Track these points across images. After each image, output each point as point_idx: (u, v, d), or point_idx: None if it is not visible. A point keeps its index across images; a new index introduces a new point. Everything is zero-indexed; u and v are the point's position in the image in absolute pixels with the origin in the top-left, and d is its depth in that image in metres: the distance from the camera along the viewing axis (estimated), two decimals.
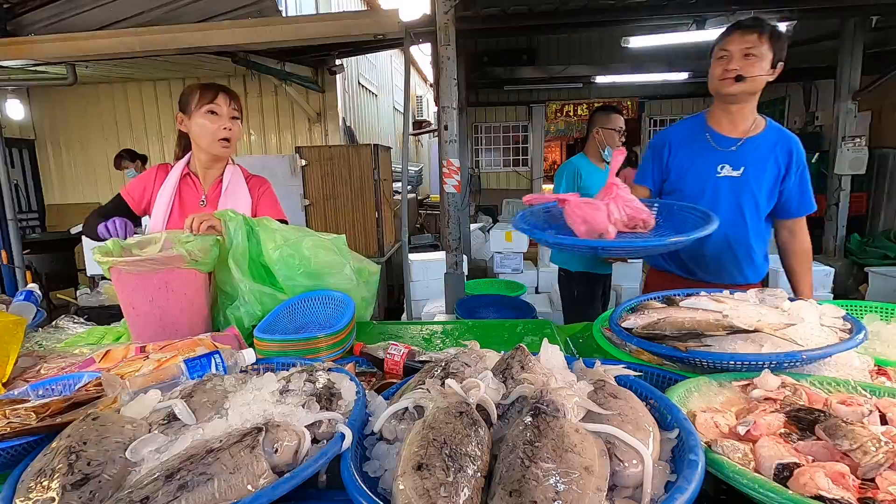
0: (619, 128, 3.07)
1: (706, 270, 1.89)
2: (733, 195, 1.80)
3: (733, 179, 1.79)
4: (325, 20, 4.24)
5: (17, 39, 4.27)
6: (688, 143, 1.87)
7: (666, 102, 9.25)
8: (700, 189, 1.82)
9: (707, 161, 1.82)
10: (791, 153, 1.79)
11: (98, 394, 0.91)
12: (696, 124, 1.90)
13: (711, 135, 1.84)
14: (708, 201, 1.79)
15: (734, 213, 1.81)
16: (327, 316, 1.50)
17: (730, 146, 1.81)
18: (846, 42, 5.57)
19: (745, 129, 1.82)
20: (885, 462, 0.65)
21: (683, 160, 1.87)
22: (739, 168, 1.79)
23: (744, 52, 1.71)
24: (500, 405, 0.76)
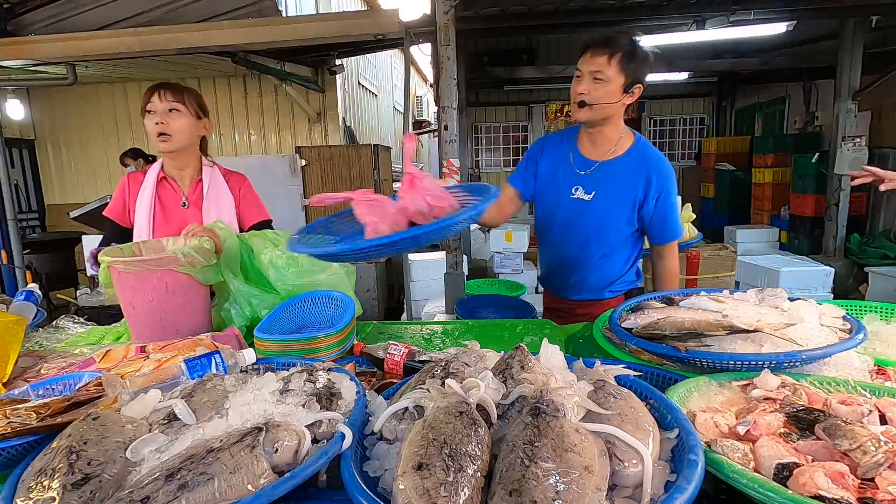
0: None
1: (566, 291, 1.92)
2: (583, 219, 1.77)
3: (584, 203, 1.75)
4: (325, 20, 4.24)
5: (17, 39, 4.27)
6: (555, 157, 1.83)
7: (666, 102, 9.25)
8: (553, 208, 1.81)
9: (565, 181, 1.78)
10: (650, 180, 1.70)
11: (98, 394, 0.91)
12: (568, 140, 1.83)
13: (574, 154, 1.79)
14: (560, 222, 1.81)
15: (582, 236, 1.79)
16: (327, 316, 1.51)
17: (586, 168, 1.75)
18: (846, 42, 5.57)
19: (605, 152, 1.75)
20: (885, 462, 0.65)
21: (547, 174, 1.83)
22: (591, 192, 1.74)
23: (593, 74, 1.61)
24: (500, 405, 0.76)
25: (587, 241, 1.80)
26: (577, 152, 1.78)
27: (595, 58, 1.60)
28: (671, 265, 1.85)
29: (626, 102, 1.67)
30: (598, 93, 1.61)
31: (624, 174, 1.72)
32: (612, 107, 1.64)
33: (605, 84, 1.60)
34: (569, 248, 1.84)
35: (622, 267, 1.86)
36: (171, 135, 1.76)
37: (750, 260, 4.52)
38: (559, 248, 1.88)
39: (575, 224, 1.79)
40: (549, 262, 1.96)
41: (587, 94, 1.61)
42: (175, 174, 1.88)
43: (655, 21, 5.44)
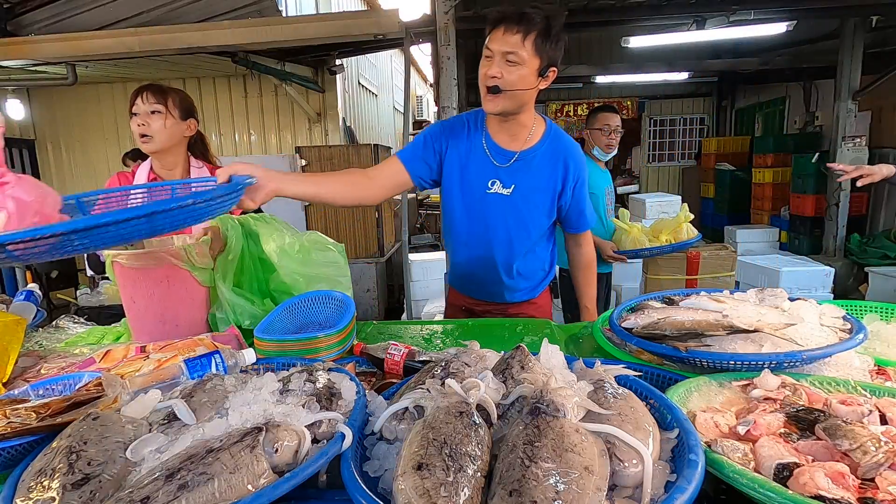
0: (605, 125, 2.97)
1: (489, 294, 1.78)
2: (501, 215, 1.64)
3: (502, 198, 1.62)
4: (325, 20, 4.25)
5: (17, 39, 4.27)
6: (466, 147, 1.64)
7: (666, 102, 9.26)
8: (466, 204, 1.67)
9: (479, 173, 1.63)
10: (567, 167, 1.62)
11: (98, 394, 0.91)
12: (478, 128, 1.65)
13: (489, 144, 1.62)
14: (477, 219, 1.66)
15: (502, 232, 1.67)
16: (327, 316, 1.50)
17: (504, 161, 1.61)
18: (846, 42, 5.57)
19: (522, 141, 1.61)
20: (885, 462, 0.65)
21: (455, 164, 1.65)
22: (510, 186, 1.62)
23: (505, 55, 1.42)
24: (500, 405, 0.76)
25: (510, 240, 1.68)
26: (492, 142, 1.62)
27: (507, 36, 1.40)
28: (589, 251, 1.84)
29: (541, 87, 1.52)
30: (511, 77, 1.43)
31: (541, 164, 1.62)
32: (527, 93, 1.49)
33: (520, 67, 1.42)
34: (489, 248, 1.69)
35: (544, 263, 1.79)
36: (151, 136, 1.78)
37: (750, 260, 4.52)
38: (478, 248, 1.71)
39: (494, 221, 1.65)
40: (466, 263, 1.77)
41: (500, 77, 1.43)
42: (164, 174, 1.89)
43: (655, 21, 5.44)
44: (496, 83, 1.44)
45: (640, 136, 9.54)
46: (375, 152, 4.90)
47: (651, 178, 9.53)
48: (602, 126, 3.00)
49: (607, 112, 3.06)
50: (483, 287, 1.77)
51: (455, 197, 1.68)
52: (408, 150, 1.66)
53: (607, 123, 2.99)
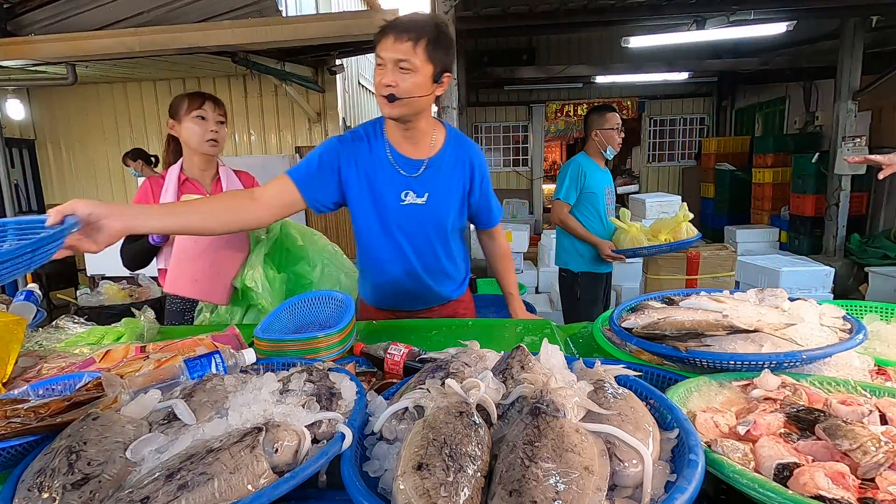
0: (616, 125, 3.07)
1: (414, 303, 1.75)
2: (420, 224, 1.62)
3: (418, 207, 1.60)
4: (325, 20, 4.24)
5: (17, 39, 4.27)
6: (368, 161, 1.59)
7: (666, 102, 9.26)
8: (385, 219, 1.62)
9: (389, 186, 1.59)
10: (472, 166, 1.64)
11: (98, 394, 0.91)
12: (377, 139, 1.61)
13: (394, 155, 1.58)
14: (396, 233, 1.63)
15: (422, 242, 1.65)
16: (327, 316, 1.50)
17: (413, 171, 1.59)
18: (846, 42, 5.58)
19: (427, 148, 1.60)
20: (885, 462, 0.65)
21: (360, 181, 1.59)
22: (423, 195, 1.60)
23: (397, 63, 1.42)
24: (500, 405, 0.76)
25: (432, 248, 1.67)
26: (397, 153, 1.59)
27: (398, 44, 1.40)
28: (503, 242, 1.87)
29: (438, 94, 1.52)
30: (406, 84, 1.42)
31: (450, 169, 1.62)
32: (423, 99, 1.48)
33: (413, 74, 1.42)
34: (412, 260, 1.67)
35: (463, 260, 1.79)
36: (219, 142, 1.99)
37: (750, 260, 4.53)
38: (401, 262, 1.68)
39: (413, 232, 1.63)
40: (392, 281, 1.71)
41: (395, 86, 1.42)
42: (197, 175, 2.04)
43: (655, 21, 5.44)
44: (391, 91, 1.43)
45: (640, 136, 9.54)
46: None
47: (651, 179, 9.53)
48: (615, 125, 3.07)
49: (614, 112, 3.13)
50: (413, 299, 1.73)
51: (369, 216, 1.62)
52: (301, 170, 1.56)
53: (618, 123, 3.08)
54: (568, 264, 3.24)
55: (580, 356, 0.97)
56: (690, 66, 7.55)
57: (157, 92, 6.81)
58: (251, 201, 1.48)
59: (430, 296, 1.75)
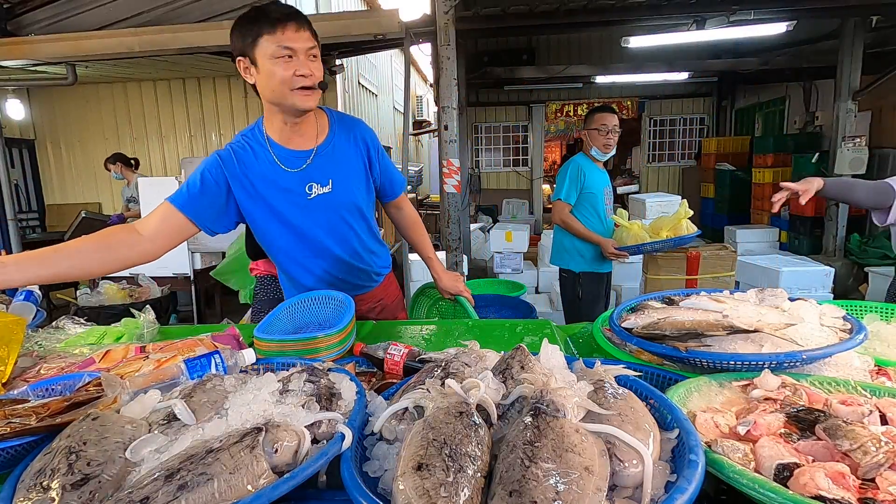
0: (602, 125, 3.00)
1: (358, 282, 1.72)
2: (334, 212, 1.58)
3: (326, 196, 1.55)
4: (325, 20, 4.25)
5: (17, 39, 4.27)
6: (260, 171, 1.51)
7: (666, 102, 9.26)
8: (295, 220, 1.55)
9: (292, 185, 1.52)
10: (366, 142, 1.60)
11: (98, 394, 0.91)
12: (255, 142, 1.52)
13: (278, 153, 1.51)
14: (306, 228, 1.56)
15: (342, 228, 1.61)
16: (327, 316, 1.50)
17: (301, 163, 1.52)
18: (846, 42, 5.57)
19: (313, 137, 1.54)
20: (886, 462, 0.65)
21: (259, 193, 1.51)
22: (327, 182, 1.54)
23: (308, 52, 1.37)
24: (500, 405, 0.76)
25: (353, 231, 1.64)
26: (283, 149, 1.52)
27: (301, 32, 1.36)
28: (411, 210, 1.85)
29: None
30: (319, 72, 1.40)
31: (343, 149, 1.57)
32: None
33: (319, 60, 1.40)
34: (333, 253, 1.63)
35: (379, 239, 1.76)
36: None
37: (750, 260, 4.52)
38: (327, 257, 1.63)
39: (330, 224, 1.59)
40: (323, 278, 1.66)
41: (313, 75, 1.38)
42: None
43: (655, 21, 5.44)
44: (317, 80, 1.39)
45: (640, 136, 9.54)
46: None
47: (651, 179, 9.53)
48: (599, 126, 3.02)
49: (604, 112, 3.07)
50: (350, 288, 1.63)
51: (279, 223, 1.56)
52: (182, 194, 1.44)
53: (604, 123, 3.00)
54: (569, 265, 3.24)
55: (580, 356, 0.97)
56: (690, 66, 7.55)
57: (157, 92, 6.82)
58: (136, 236, 1.38)
59: (364, 279, 1.73)
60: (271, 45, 1.34)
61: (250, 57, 1.38)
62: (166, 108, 6.84)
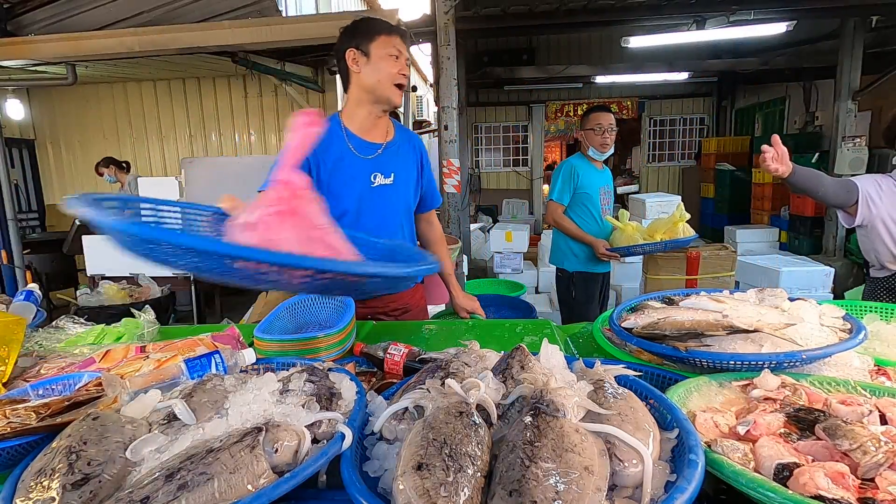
0: (598, 125, 2.99)
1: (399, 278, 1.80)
2: (390, 205, 1.73)
3: (388, 188, 1.72)
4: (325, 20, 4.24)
5: (17, 39, 4.27)
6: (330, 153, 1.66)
7: (666, 102, 9.26)
8: (355, 204, 1.68)
9: (359, 171, 1.68)
10: (420, 152, 1.82)
11: (98, 394, 0.91)
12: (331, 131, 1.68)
13: (353, 142, 1.68)
14: (363, 212, 1.69)
15: (393, 222, 1.75)
16: (327, 316, 1.51)
17: (372, 152, 1.70)
18: (846, 42, 5.57)
19: (384, 134, 1.74)
20: (885, 462, 0.65)
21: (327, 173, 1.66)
22: (390, 175, 1.72)
23: (406, 59, 1.65)
24: (500, 405, 0.76)
25: (401, 228, 1.77)
26: (357, 138, 1.69)
27: (406, 44, 1.64)
28: (439, 228, 1.99)
29: None
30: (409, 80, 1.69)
31: (405, 152, 1.77)
32: None
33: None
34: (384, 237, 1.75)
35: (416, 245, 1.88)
36: None
37: (750, 260, 4.52)
38: None
39: (384, 213, 1.73)
40: None
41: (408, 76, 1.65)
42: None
43: (655, 21, 5.44)
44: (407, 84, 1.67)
45: (639, 136, 9.54)
46: None
47: (651, 178, 9.53)
48: (594, 126, 3.01)
49: (600, 112, 3.07)
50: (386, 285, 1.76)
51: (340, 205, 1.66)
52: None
53: (599, 123, 2.99)
54: (563, 264, 3.24)
55: (580, 356, 0.97)
56: (690, 66, 7.55)
57: (157, 92, 6.82)
58: None
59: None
60: (387, 44, 1.58)
61: (363, 49, 1.59)
62: (166, 108, 6.84)
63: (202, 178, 4.84)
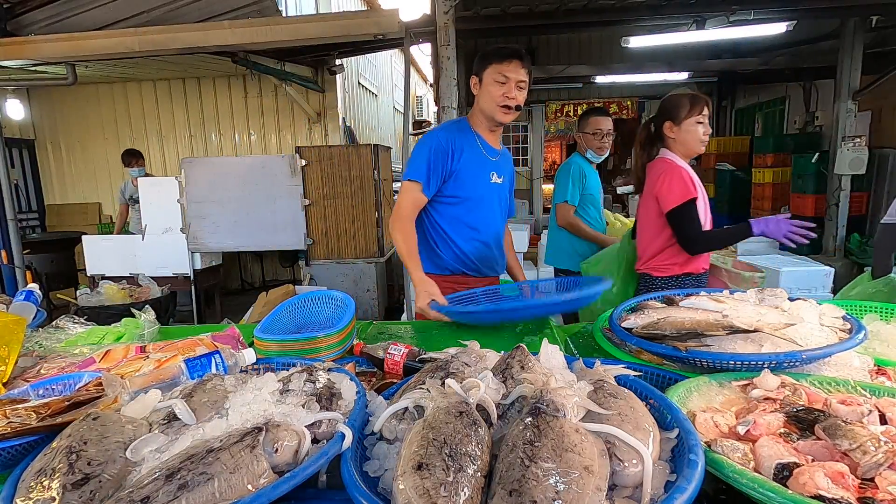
0: (597, 130, 3.00)
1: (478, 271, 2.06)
2: (499, 201, 2.06)
3: (500, 186, 2.04)
4: (325, 20, 4.24)
5: (17, 39, 4.27)
6: (466, 149, 1.96)
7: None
8: (477, 188, 1.98)
9: (484, 168, 1.99)
10: (511, 164, 2.14)
11: (98, 394, 0.91)
12: (467, 133, 2.00)
13: (483, 145, 2.00)
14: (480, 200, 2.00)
15: (500, 215, 2.08)
16: (327, 316, 1.51)
17: (495, 155, 2.03)
18: (846, 42, 5.57)
19: (498, 143, 2.08)
20: (885, 462, 0.65)
21: (463, 163, 1.95)
22: (502, 176, 2.05)
23: (518, 83, 1.85)
24: (500, 405, 0.76)
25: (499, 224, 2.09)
26: (486, 143, 2.01)
27: (522, 69, 1.85)
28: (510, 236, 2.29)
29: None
30: (521, 98, 1.88)
31: (506, 162, 2.10)
32: None
33: (525, 91, 1.89)
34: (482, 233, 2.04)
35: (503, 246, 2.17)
36: None
37: (750, 260, 4.52)
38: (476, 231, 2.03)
39: (492, 207, 2.04)
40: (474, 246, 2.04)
41: (516, 99, 1.87)
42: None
43: (655, 21, 5.44)
44: (516, 103, 1.88)
45: None
46: (375, 152, 4.90)
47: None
48: (594, 131, 3.02)
49: (598, 116, 3.07)
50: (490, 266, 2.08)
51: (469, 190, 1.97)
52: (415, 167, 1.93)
53: (599, 128, 3.01)
54: (564, 264, 3.24)
55: (580, 356, 0.97)
56: (690, 66, 7.54)
57: (157, 92, 6.81)
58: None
59: (499, 264, 2.12)
60: (494, 72, 1.85)
61: (479, 77, 1.91)
62: (166, 108, 6.83)
63: (202, 178, 4.83)
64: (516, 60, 1.83)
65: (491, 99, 1.88)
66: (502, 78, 1.83)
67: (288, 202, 4.82)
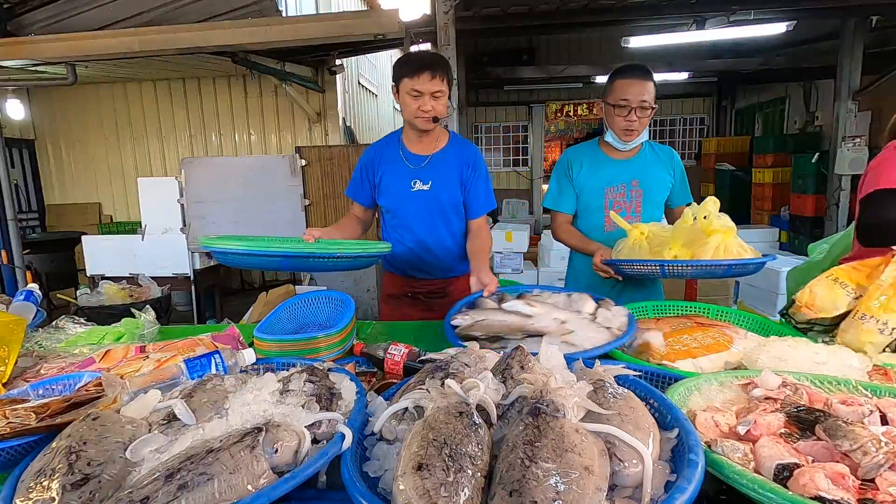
0: (623, 101, 2.01)
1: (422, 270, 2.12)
2: (427, 206, 2.03)
3: (424, 192, 2.02)
4: (325, 20, 4.24)
5: (17, 39, 4.27)
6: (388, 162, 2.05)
7: (666, 102, 9.26)
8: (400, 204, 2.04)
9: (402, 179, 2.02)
10: (467, 162, 2.05)
11: (98, 394, 0.91)
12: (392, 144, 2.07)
13: (406, 155, 2.04)
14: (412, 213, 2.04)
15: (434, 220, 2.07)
16: (327, 316, 1.51)
17: (420, 163, 2.03)
18: (846, 42, 5.57)
19: (431, 146, 2.05)
20: (885, 462, 0.65)
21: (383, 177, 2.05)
22: (428, 182, 2.02)
23: (433, 94, 1.86)
24: (500, 405, 0.76)
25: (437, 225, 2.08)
26: (408, 151, 2.04)
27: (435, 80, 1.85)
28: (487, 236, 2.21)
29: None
30: (439, 107, 1.90)
31: (450, 162, 2.04)
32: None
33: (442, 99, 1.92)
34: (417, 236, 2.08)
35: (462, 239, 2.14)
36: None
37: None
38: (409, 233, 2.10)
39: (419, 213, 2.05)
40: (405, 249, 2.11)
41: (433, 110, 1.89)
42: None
43: (655, 21, 5.44)
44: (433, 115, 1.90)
45: None
46: None
47: None
48: (617, 101, 2.00)
49: (626, 78, 2.04)
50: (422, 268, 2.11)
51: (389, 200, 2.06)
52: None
53: (625, 97, 1.99)
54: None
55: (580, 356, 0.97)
56: (690, 66, 7.54)
57: (157, 92, 6.81)
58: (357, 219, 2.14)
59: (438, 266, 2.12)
60: (407, 86, 1.85)
61: (397, 87, 1.91)
62: (166, 108, 6.82)
63: (202, 178, 4.83)
64: (426, 73, 1.81)
65: (409, 112, 1.90)
66: (415, 92, 1.84)
67: (288, 202, 4.82)
